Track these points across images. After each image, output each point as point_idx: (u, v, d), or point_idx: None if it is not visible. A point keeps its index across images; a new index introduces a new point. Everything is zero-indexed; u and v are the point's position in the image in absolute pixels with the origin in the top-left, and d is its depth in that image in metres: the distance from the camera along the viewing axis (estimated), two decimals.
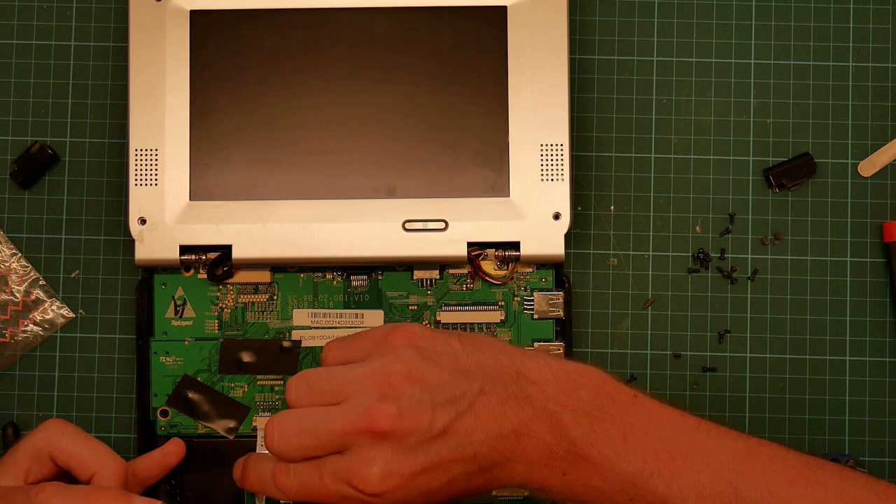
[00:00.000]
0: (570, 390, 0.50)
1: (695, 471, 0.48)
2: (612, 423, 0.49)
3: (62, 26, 0.62)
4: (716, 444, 0.49)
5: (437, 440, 0.48)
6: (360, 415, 0.48)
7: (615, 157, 0.61)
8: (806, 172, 0.60)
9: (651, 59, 0.62)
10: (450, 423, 0.48)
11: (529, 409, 0.49)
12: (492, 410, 0.49)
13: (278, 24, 0.58)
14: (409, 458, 0.48)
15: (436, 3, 0.58)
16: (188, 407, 0.58)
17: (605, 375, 0.51)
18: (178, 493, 0.58)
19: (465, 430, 0.48)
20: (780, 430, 0.60)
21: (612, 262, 0.61)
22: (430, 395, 0.48)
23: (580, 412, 0.49)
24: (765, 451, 0.49)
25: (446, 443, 0.48)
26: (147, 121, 0.58)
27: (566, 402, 0.49)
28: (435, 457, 0.48)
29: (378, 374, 0.49)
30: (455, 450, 0.48)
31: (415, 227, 0.57)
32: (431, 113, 0.58)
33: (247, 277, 0.59)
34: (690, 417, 0.50)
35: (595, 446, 0.49)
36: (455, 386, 0.49)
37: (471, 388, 0.49)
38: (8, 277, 0.60)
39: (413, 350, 0.50)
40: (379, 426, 0.47)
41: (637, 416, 0.50)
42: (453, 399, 0.49)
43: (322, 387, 0.50)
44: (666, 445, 0.49)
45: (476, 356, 0.51)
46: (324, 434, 0.49)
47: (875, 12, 0.62)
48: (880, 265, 0.61)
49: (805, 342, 0.60)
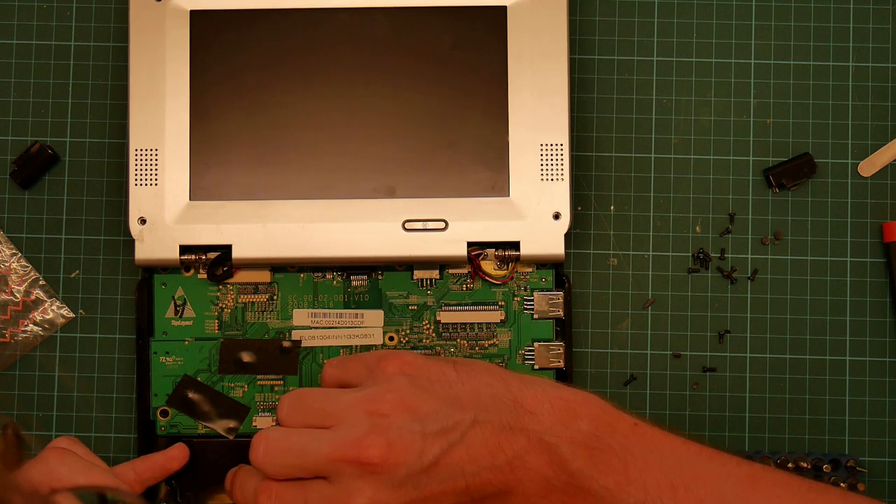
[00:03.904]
0: (568, 421, 0.49)
1: (698, 499, 0.48)
2: (612, 454, 0.48)
3: (62, 26, 0.62)
4: (719, 470, 0.48)
5: (427, 473, 0.47)
6: (348, 444, 0.47)
7: (615, 157, 0.61)
8: (806, 172, 0.60)
9: (651, 59, 0.62)
10: (440, 455, 0.47)
11: (525, 440, 0.48)
12: (485, 441, 0.48)
13: (278, 24, 0.58)
14: (396, 491, 0.47)
15: (436, 4, 0.58)
16: (188, 407, 0.58)
17: (604, 404, 0.50)
18: (178, 493, 0.58)
19: (457, 461, 0.47)
20: (780, 430, 0.60)
21: (612, 262, 0.61)
22: (421, 425, 0.47)
23: (579, 444, 0.48)
24: (768, 478, 0.49)
25: (436, 475, 0.47)
26: (147, 121, 0.58)
27: (564, 433, 0.48)
28: (425, 490, 0.47)
29: (369, 401, 0.48)
30: (445, 482, 0.47)
31: (415, 227, 0.57)
32: (431, 113, 0.58)
33: (247, 277, 0.59)
34: (692, 444, 0.49)
35: (595, 479, 0.48)
36: (447, 416, 0.48)
37: (464, 419, 0.48)
38: (8, 277, 0.60)
39: (405, 379, 0.49)
40: (367, 458, 0.46)
41: (637, 445, 0.49)
42: (445, 430, 0.48)
43: (314, 407, 0.49)
44: (668, 475, 0.48)
45: (471, 384, 0.50)
46: (311, 457, 0.48)
47: (875, 12, 0.62)
48: (880, 265, 0.61)
49: (805, 342, 0.60)
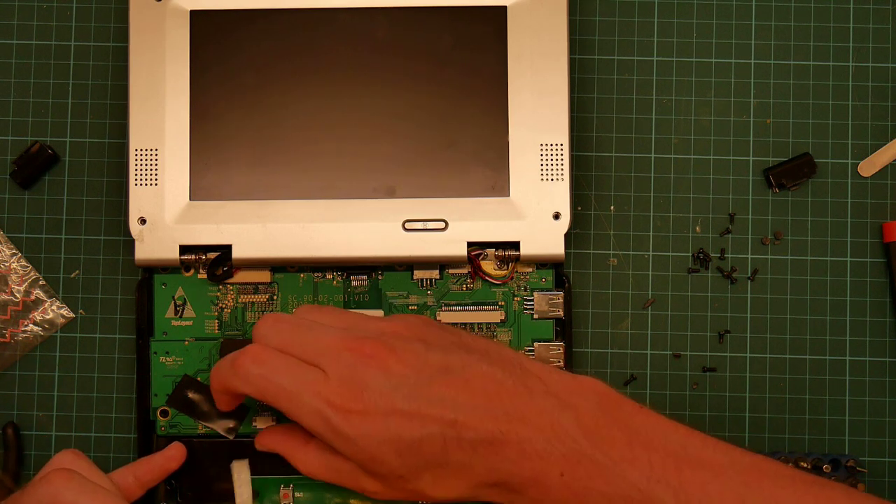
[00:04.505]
0: (575, 390, 0.49)
1: (703, 482, 0.47)
2: (617, 429, 0.48)
3: (62, 26, 0.62)
4: (723, 458, 0.48)
5: (420, 388, 0.48)
6: (354, 337, 0.49)
7: (615, 157, 0.61)
8: (806, 172, 0.60)
9: (651, 59, 0.62)
10: (437, 378, 0.48)
11: (528, 397, 0.48)
12: (485, 386, 0.48)
13: (278, 24, 0.58)
14: (387, 393, 0.48)
15: (436, 4, 0.58)
16: (188, 407, 0.58)
17: (609, 388, 0.50)
18: (178, 493, 0.58)
19: (452, 392, 0.48)
20: (780, 430, 0.60)
21: (612, 262, 0.61)
22: (426, 347, 0.49)
23: (584, 412, 0.48)
24: (772, 468, 0.49)
25: (428, 396, 0.48)
26: (147, 121, 0.58)
27: (570, 400, 0.48)
28: (412, 404, 0.47)
29: (386, 321, 0.51)
30: (435, 407, 0.47)
31: (415, 226, 0.57)
32: (431, 113, 0.58)
33: (247, 277, 0.59)
34: (696, 432, 0.49)
35: (599, 447, 0.47)
36: (455, 352, 0.49)
37: (469, 360, 0.49)
38: (8, 277, 0.60)
39: (422, 320, 0.52)
40: (369, 351, 0.48)
41: (643, 425, 0.49)
42: (449, 362, 0.49)
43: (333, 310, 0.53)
44: (673, 455, 0.48)
45: (483, 343, 0.51)
46: (311, 338, 0.49)
47: (875, 12, 0.62)
48: (880, 265, 0.61)
49: (805, 342, 0.60)
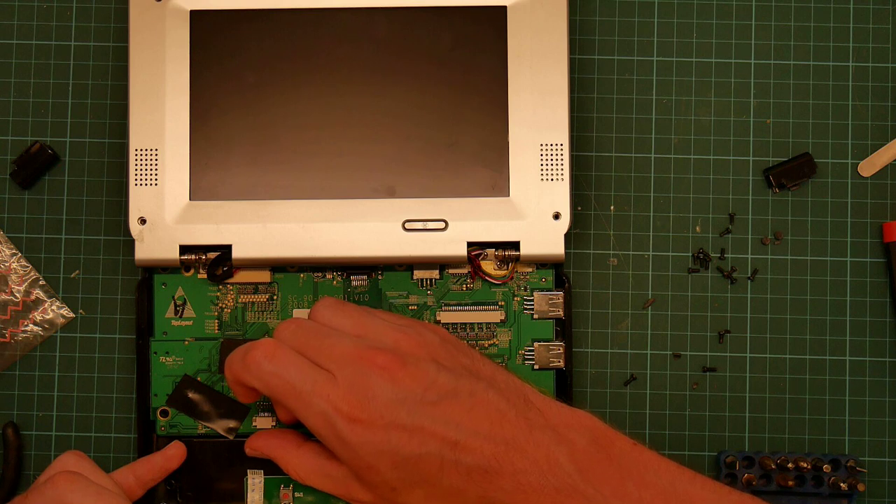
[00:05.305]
0: (572, 425, 0.50)
1: None
2: (610, 465, 0.49)
3: (62, 26, 0.62)
4: (710, 496, 0.49)
5: (425, 406, 0.48)
6: (367, 347, 0.50)
7: (615, 157, 0.61)
8: (806, 172, 0.60)
9: (651, 59, 0.62)
10: (445, 398, 0.49)
11: (528, 430, 0.49)
12: (489, 414, 0.49)
13: (278, 24, 0.58)
14: (393, 406, 0.48)
15: (436, 4, 0.58)
16: (188, 407, 0.58)
17: (604, 424, 0.51)
18: (178, 493, 0.58)
19: (457, 413, 0.48)
20: (780, 430, 0.60)
21: (612, 262, 0.61)
22: (437, 367, 0.50)
23: (579, 447, 0.49)
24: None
25: (432, 414, 0.48)
26: (147, 121, 0.58)
27: (566, 435, 0.49)
28: (416, 420, 0.48)
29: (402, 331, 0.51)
30: (438, 425, 0.48)
31: (415, 226, 0.57)
32: (431, 113, 0.58)
33: (247, 277, 0.59)
34: (686, 469, 0.50)
35: (592, 483, 0.48)
36: (463, 375, 0.50)
37: (477, 385, 0.50)
38: (8, 277, 0.60)
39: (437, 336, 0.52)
40: (381, 363, 0.49)
41: (635, 462, 0.50)
42: (456, 385, 0.49)
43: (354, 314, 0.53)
44: (663, 493, 0.49)
45: (490, 368, 0.52)
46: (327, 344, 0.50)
47: (875, 12, 0.62)
48: (880, 265, 0.61)
49: (805, 342, 0.60)
